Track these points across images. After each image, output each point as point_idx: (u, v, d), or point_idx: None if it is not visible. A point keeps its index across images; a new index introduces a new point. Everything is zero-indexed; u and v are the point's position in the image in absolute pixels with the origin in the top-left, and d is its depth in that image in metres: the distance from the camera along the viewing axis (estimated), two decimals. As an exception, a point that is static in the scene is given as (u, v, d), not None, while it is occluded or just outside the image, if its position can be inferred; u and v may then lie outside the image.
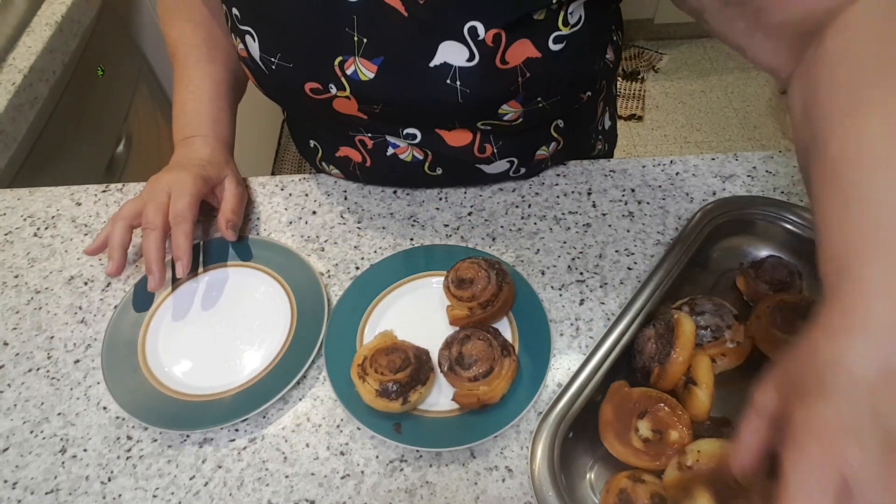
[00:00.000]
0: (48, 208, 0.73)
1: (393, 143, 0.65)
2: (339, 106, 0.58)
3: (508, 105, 0.56)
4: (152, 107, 1.31)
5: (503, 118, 0.58)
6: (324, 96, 0.57)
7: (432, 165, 0.67)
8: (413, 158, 0.66)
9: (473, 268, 0.58)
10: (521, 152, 0.66)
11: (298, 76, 0.56)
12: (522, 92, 0.55)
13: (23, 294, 0.65)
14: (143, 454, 0.54)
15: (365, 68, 0.54)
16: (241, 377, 0.56)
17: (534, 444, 0.48)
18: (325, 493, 0.51)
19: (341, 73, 0.55)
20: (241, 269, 0.65)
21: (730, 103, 2.33)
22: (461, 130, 0.62)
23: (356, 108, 0.58)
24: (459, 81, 0.54)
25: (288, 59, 0.56)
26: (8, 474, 0.53)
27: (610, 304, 0.61)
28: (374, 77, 0.55)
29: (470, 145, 0.63)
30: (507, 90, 0.55)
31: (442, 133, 0.62)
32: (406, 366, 0.52)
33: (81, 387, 0.58)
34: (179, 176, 0.63)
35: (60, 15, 0.99)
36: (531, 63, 0.53)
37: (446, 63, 0.53)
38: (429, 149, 0.64)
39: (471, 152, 0.64)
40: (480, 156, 0.65)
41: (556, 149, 0.69)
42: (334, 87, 0.56)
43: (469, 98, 0.54)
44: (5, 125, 0.86)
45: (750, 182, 0.69)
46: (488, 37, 0.51)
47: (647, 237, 0.65)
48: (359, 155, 0.67)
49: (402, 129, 0.62)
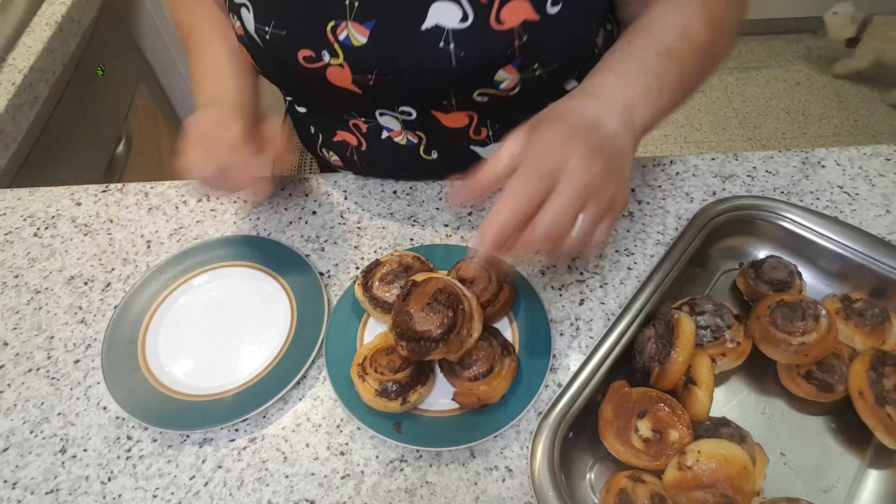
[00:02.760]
0: (48, 208, 0.73)
1: (387, 127, 0.65)
2: (333, 76, 0.57)
3: (505, 71, 0.55)
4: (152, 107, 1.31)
5: (500, 86, 0.57)
6: (317, 65, 0.57)
7: (427, 149, 0.67)
8: (408, 142, 0.66)
9: (474, 267, 0.58)
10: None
11: (292, 44, 0.56)
12: (519, 56, 0.54)
13: (23, 294, 0.65)
14: (143, 454, 0.54)
15: (357, 33, 0.54)
16: (241, 377, 0.56)
17: (534, 444, 0.48)
18: (325, 493, 0.51)
19: (334, 38, 0.55)
20: (241, 269, 0.65)
21: (730, 103, 2.33)
22: (457, 113, 0.62)
23: (350, 80, 0.57)
24: (453, 44, 0.53)
25: (281, 26, 0.55)
26: (8, 474, 0.53)
27: (610, 304, 0.61)
28: (367, 42, 0.54)
29: (466, 128, 0.63)
30: (503, 54, 0.54)
31: (438, 115, 0.62)
32: (406, 366, 0.52)
33: (81, 387, 0.58)
34: (212, 116, 0.58)
35: (60, 15, 0.99)
36: (528, 26, 0.53)
37: (438, 25, 0.52)
38: (423, 131, 0.64)
39: (466, 134, 0.64)
40: (476, 137, 0.65)
41: None
42: (327, 53, 0.55)
43: (464, 62, 0.53)
44: (5, 125, 0.86)
45: (750, 182, 0.69)
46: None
47: (647, 237, 0.65)
48: (355, 139, 0.67)
49: (397, 105, 0.61)
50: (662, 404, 0.50)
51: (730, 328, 0.54)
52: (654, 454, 0.48)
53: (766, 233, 0.62)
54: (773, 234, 0.62)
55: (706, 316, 0.54)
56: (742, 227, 0.62)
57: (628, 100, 0.49)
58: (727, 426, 0.49)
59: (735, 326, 0.54)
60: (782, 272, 0.57)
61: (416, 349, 0.50)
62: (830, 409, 0.53)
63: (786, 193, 0.68)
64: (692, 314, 0.54)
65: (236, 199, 0.72)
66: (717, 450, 0.46)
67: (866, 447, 0.52)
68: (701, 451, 0.46)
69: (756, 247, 0.63)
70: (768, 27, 2.54)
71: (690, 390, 0.51)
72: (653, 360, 0.52)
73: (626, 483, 0.46)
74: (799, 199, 0.67)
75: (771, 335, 0.52)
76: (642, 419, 0.50)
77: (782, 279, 0.57)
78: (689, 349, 0.51)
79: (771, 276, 0.57)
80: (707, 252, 0.62)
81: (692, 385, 0.51)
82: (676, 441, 0.48)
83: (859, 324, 0.54)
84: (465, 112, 0.62)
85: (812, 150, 0.72)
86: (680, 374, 0.51)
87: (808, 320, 0.52)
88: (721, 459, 0.45)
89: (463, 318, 0.51)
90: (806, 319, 0.52)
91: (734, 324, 0.54)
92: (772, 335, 0.52)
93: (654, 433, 0.49)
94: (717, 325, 0.54)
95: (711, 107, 2.32)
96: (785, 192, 0.68)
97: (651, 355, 0.52)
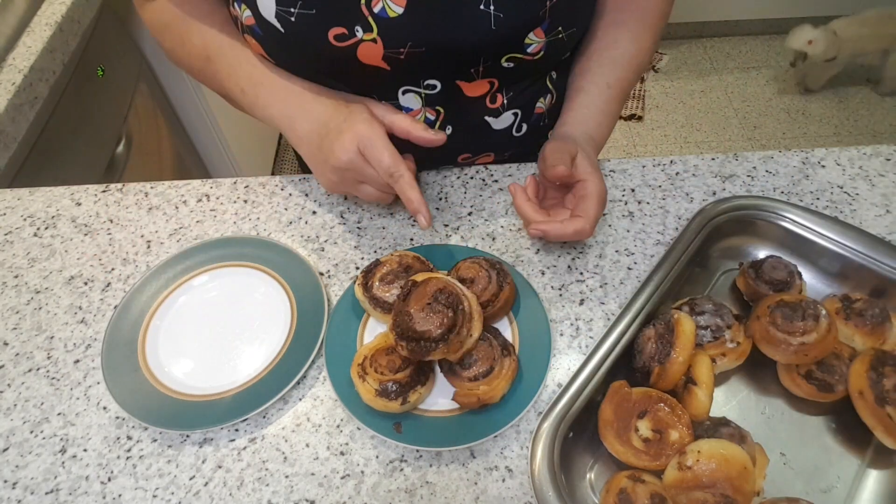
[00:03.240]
0: (48, 208, 0.73)
1: (407, 108, 0.65)
2: (363, 54, 0.57)
3: (534, 34, 0.58)
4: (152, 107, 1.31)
5: (527, 50, 0.59)
6: (348, 42, 0.56)
7: (443, 124, 0.67)
8: (425, 120, 0.66)
9: (474, 268, 0.58)
10: (525, 103, 0.69)
11: (322, 22, 0.55)
12: (548, 18, 0.57)
13: (23, 294, 0.65)
14: (143, 454, 0.54)
15: (393, 3, 0.54)
16: (241, 377, 0.56)
17: (534, 444, 0.48)
18: (325, 493, 0.51)
19: (368, 11, 0.54)
20: (241, 269, 0.65)
21: (730, 103, 2.33)
22: (481, 81, 0.63)
23: (381, 56, 0.57)
24: (493, 6, 0.55)
25: (309, 4, 0.54)
26: (8, 474, 0.53)
27: (610, 304, 0.61)
28: (404, 12, 0.54)
29: (484, 96, 0.65)
30: (535, 15, 0.57)
31: (461, 84, 0.63)
32: (406, 366, 0.52)
33: (81, 387, 0.58)
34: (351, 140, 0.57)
35: (60, 15, 0.99)
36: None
37: None
38: (443, 105, 0.65)
39: (483, 104, 0.66)
40: (491, 106, 0.66)
41: (551, 101, 0.72)
42: (360, 29, 0.55)
43: (501, 24, 0.56)
44: (5, 125, 0.86)
45: (750, 182, 0.69)
46: None
47: (647, 237, 0.65)
48: None
49: (423, 80, 0.62)
50: (662, 404, 0.50)
51: (730, 328, 0.54)
52: (654, 454, 0.48)
53: (766, 233, 0.62)
54: (773, 234, 0.62)
55: (706, 316, 0.54)
56: (742, 227, 0.62)
57: (601, 147, 0.67)
58: (727, 426, 0.49)
59: (735, 326, 0.54)
60: (782, 272, 0.57)
61: (416, 349, 0.50)
62: (830, 409, 0.54)
63: (786, 193, 0.68)
64: (692, 314, 0.54)
65: (236, 200, 0.72)
66: (717, 450, 0.46)
67: (866, 447, 0.52)
68: (701, 451, 0.46)
69: (756, 247, 0.63)
70: (768, 27, 2.54)
71: (690, 390, 0.51)
72: (653, 360, 0.52)
73: (626, 483, 0.46)
74: (799, 199, 0.67)
75: (771, 335, 0.52)
76: (642, 419, 0.50)
77: (782, 279, 0.57)
78: (689, 349, 0.51)
79: (771, 276, 0.57)
80: (707, 252, 0.62)
81: (692, 385, 0.51)
82: (676, 441, 0.48)
83: (859, 324, 0.54)
84: (487, 79, 0.64)
85: (812, 150, 0.72)
86: (680, 374, 0.51)
87: (808, 320, 0.52)
88: (721, 459, 0.45)
89: (463, 318, 0.51)
90: (806, 319, 0.52)
91: (734, 324, 0.54)
92: (772, 335, 0.52)
93: (654, 433, 0.49)
94: (717, 325, 0.54)
95: (711, 107, 2.33)
96: (785, 192, 0.68)
97: (651, 355, 0.52)
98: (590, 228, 0.57)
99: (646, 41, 0.68)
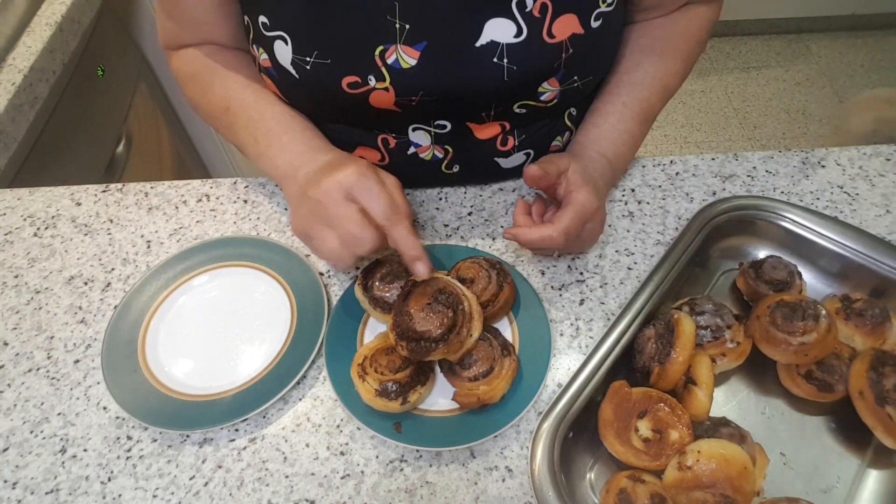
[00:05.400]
0: (48, 208, 0.73)
1: (416, 143, 0.65)
2: (376, 100, 0.57)
3: (548, 83, 0.57)
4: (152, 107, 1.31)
5: (541, 98, 0.59)
6: (361, 90, 0.56)
7: (450, 163, 0.67)
8: (433, 157, 0.66)
9: (474, 267, 0.58)
10: (538, 143, 0.68)
11: (336, 72, 0.55)
12: (563, 69, 0.56)
13: (23, 294, 0.65)
14: (143, 454, 0.54)
15: (407, 55, 0.54)
16: (241, 377, 0.56)
17: (534, 444, 0.48)
18: (325, 493, 0.51)
19: (382, 62, 0.54)
20: (241, 269, 0.65)
21: (730, 103, 2.33)
22: (491, 124, 0.63)
23: (392, 102, 0.57)
24: (507, 58, 0.54)
25: (325, 55, 0.55)
26: (8, 474, 0.53)
27: (610, 304, 0.61)
28: (416, 64, 0.54)
29: (494, 138, 0.64)
30: (550, 66, 0.56)
31: (472, 126, 0.63)
32: (406, 366, 0.52)
33: (81, 387, 0.58)
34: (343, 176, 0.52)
35: (60, 15, 0.99)
36: (575, 39, 0.55)
37: (493, 41, 0.53)
38: (452, 145, 0.65)
39: (493, 145, 0.65)
40: (502, 149, 0.66)
41: (568, 138, 0.70)
42: (374, 78, 0.55)
43: (515, 76, 0.55)
44: (5, 125, 0.86)
45: (750, 182, 0.69)
46: (536, 7, 0.52)
47: (647, 237, 0.65)
48: (377, 154, 0.67)
49: (433, 120, 0.62)
50: (662, 404, 0.50)
51: (730, 328, 0.54)
52: (654, 454, 0.48)
53: (766, 233, 0.62)
54: (773, 234, 0.62)
55: (706, 316, 0.54)
56: (742, 227, 0.62)
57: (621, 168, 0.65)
58: (727, 426, 0.49)
59: (735, 326, 0.54)
60: (782, 272, 0.57)
61: (416, 349, 0.50)
62: (830, 409, 0.54)
63: (786, 193, 0.68)
64: (692, 314, 0.54)
65: (236, 200, 0.72)
66: (717, 450, 0.46)
67: (866, 447, 0.52)
68: (701, 451, 0.46)
69: (756, 247, 0.63)
70: (768, 27, 2.54)
71: (690, 390, 0.51)
72: (653, 360, 0.52)
73: (626, 483, 0.46)
74: (799, 199, 0.67)
75: (771, 335, 0.52)
76: (642, 419, 0.50)
77: (782, 279, 0.57)
78: (689, 349, 0.51)
79: (771, 276, 0.57)
80: (707, 252, 0.62)
81: (692, 385, 0.51)
82: (676, 441, 0.48)
83: (859, 324, 0.54)
84: (498, 122, 0.63)
85: (812, 150, 0.72)
86: (680, 374, 0.51)
87: (808, 320, 0.52)
88: (721, 459, 0.45)
89: (463, 318, 0.51)
90: (806, 319, 0.52)
91: (734, 324, 0.54)
92: (772, 335, 0.52)
93: (654, 433, 0.49)
94: (717, 325, 0.54)
95: (711, 107, 2.32)
96: (785, 192, 0.68)
97: (651, 355, 0.52)
98: (557, 236, 0.53)
99: (673, 64, 0.65)
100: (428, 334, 0.50)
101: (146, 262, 0.67)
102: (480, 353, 0.53)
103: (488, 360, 0.53)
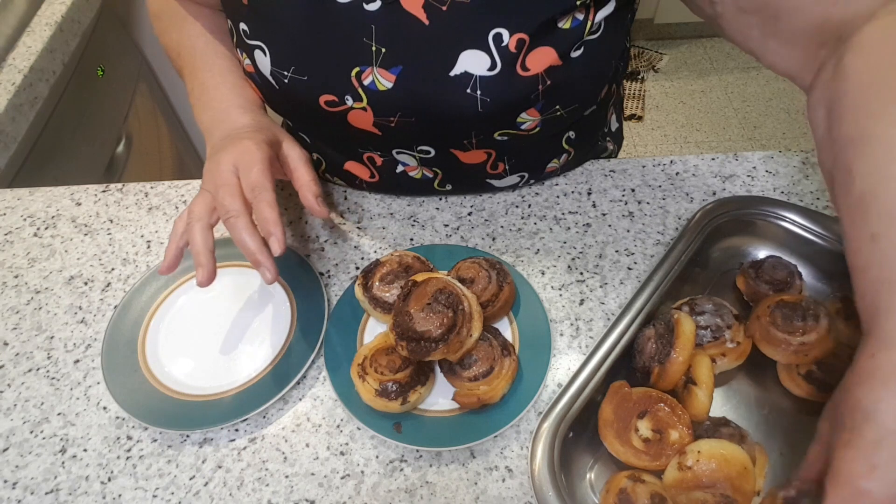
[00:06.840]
0: (48, 208, 0.73)
1: (403, 162, 0.64)
2: (354, 119, 0.57)
3: (527, 113, 0.56)
4: (152, 107, 1.31)
5: (521, 127, 0.57)
6: (339, 108, 0.56)
7: (442, 182, 0.67)
8: (423, 176, 0.66)
9: (474, 267, 0.58)
10: (534, 166, 0.67)
11: (313, 89, 0.55)
12: (542, 100, 0.54)
13: (23, 294, 0.65)
14: (143, 454, 0.54)
15: (383, 78, 0.54)
16: (241, 377, 0.56)
17: (534, 444, 0.48)
18: (325, 493, 0.51)
19: (358, 83, 0.54)
20: (241, 269, 0.65)
21: (730, 103, 2.33)
22: (476, 151, 0.61)
23: (371, 122, 0.57)
24: (480, 91, 0.53)
25: (302, 71, 0.55)
26: (8, 474, 0.53)
27: (610, 304, 0.61)
28: (392, 87, 0.54)
29: (483, 164, 0.63)
30: (527, 98, 0.54)
31: (457, 153, 0.62)
32: (406, 366, 0.52)
33: (81, 387, 0.58)
34: (238, 148, 0.54)
35: (60, 15, 0.99)
36: (552, 71, 0.52)
37: (467, 72, 0.52)
38: (441, 167, 0.64)
39: (483, 169, 0.64)
40: (493, 172, 0.65)
41: (566, 159, 0.69)
42: (350, 98, 0.55)
43: (489, 106, 0.53)
44: (5, 125, 0.86)
45: (750, 182, 0.69)
46: (512, 42, 0.50)
47: (647, 237, 0.65)
48: (366, 171, 0.66)
49: (416, 145, 0.61)
50: (662, 404, 0.50)
51: (730, 328, 0.54)
52: (654, 454, 0.48)
53: (766, 233, 0.62)
54: (773, 234, 0.62)
55: (706, 316, 0.54)
56: (742, 227, 0.62)
57: None
58: (727, 426, 0.49)
59: (735, 326, 0.54)
60: (782, 272, 0.57)
61: (416, 349, 0.50)
62: (830, 409, 0.53)
63: (786, 193, 0.68)
64: (692, 314, 0.54)
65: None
66: (717, 450, 0.46)
67: (866, 447, 0.52)
68: (701, 451, 0.46)
69: (756, 247, 0.63)
70: (768, 27, 2.53)
71: (690, 390, 0.51)
72: (653, 360, 0.52)
73: (626, 483, 0.46)
74: (799, 199, 0.67)
75: (771, 335, 0.52)
76: (642, 419, 0.50)
77: (782, 279, 0.57)
78: (689, 349, 0.51)
79: (771, 276, 0.57)
80: (707, 252, 0.62)
81: (692, 385, 0.51)
82: (676, 441, 0.48)
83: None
84: (483, 150, 0.62)
85: (812, 150, 0.72)
86: (680, 374, 0.51)
87: (808, 320, 0.52)
88: (721, 459, 0.45)
89: (463, 318, 0.51)
90: (806, 319, 0.52)
91: (734, 324, 0.54)
92: (772, 335, 0.52)
93: (654, 433, 0.49)
94: (717, 325, 0.54)
95: (711, 107, 2.33)
96: (785, 192, 0.68)
97: (651, 355, 0.52)
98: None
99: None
100: (428, 334, 0.50)
101: (146, 262, 0.67)
102: (480, 353, 0.53)
103: (488, 360, 0.53)
